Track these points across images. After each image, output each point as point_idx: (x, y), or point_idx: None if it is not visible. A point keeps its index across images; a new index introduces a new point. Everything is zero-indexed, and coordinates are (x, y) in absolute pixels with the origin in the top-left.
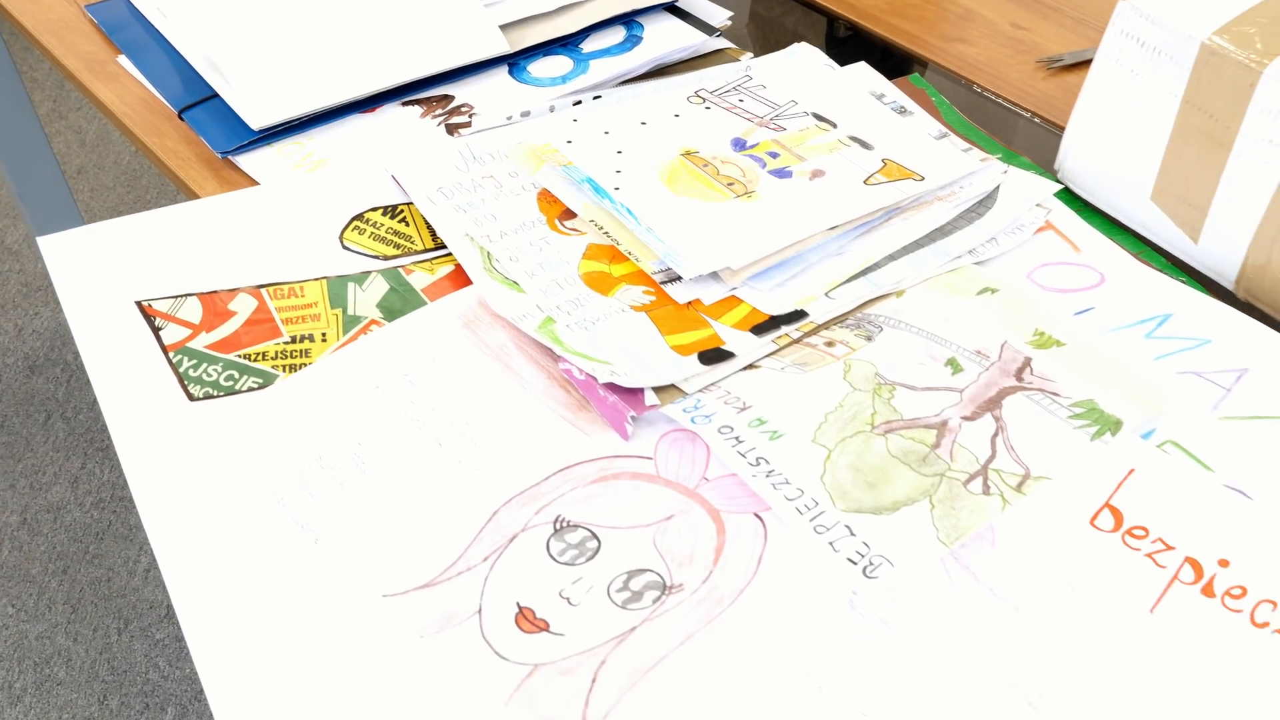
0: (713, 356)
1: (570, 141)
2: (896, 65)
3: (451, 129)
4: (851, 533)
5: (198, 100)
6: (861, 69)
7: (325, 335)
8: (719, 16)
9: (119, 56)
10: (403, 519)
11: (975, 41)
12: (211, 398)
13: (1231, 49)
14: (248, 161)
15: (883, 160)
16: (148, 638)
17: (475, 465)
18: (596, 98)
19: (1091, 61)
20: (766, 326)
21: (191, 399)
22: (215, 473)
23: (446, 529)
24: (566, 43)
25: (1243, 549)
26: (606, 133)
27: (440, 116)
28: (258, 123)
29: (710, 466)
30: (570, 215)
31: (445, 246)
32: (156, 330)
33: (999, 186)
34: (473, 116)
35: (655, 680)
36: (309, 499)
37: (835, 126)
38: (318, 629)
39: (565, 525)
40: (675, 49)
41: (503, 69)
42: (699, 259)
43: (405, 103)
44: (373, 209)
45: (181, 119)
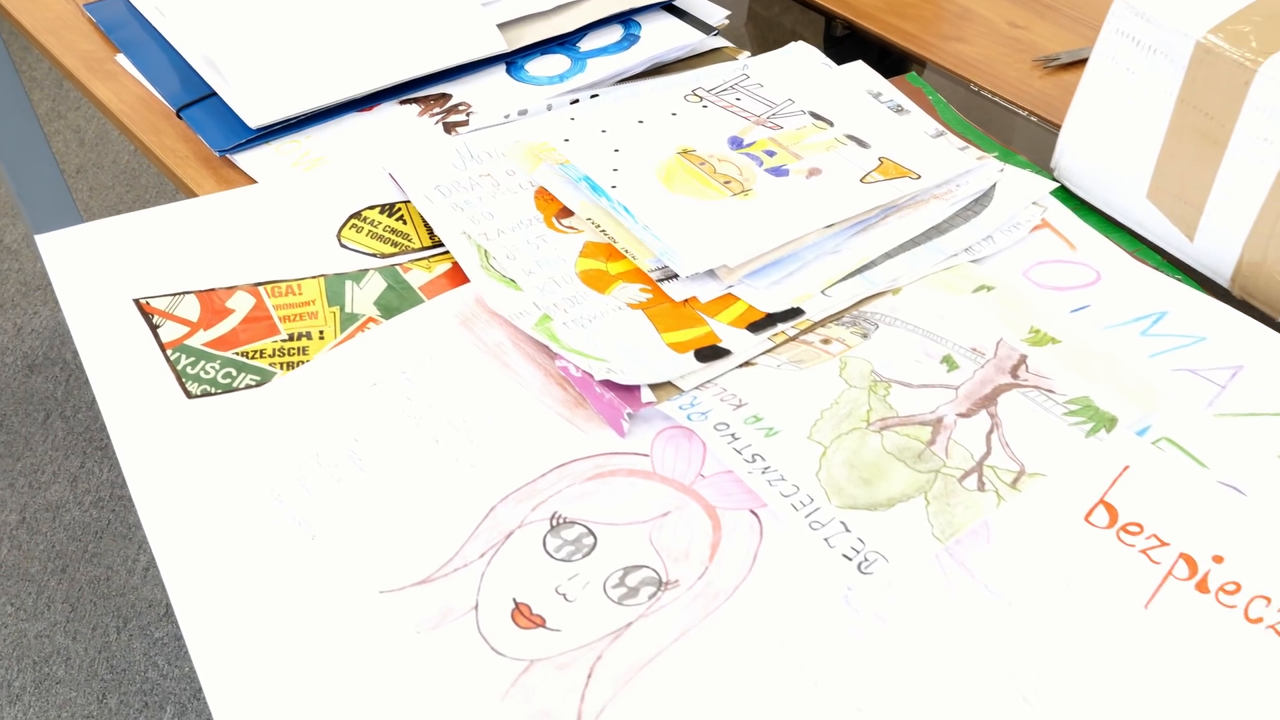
0: (709, 354)
1: (567, 140)
2: (894, 64)
3: (449, 127)
4: (847, 529)
5: (196, 99)
6: (858, 68)
7: (323, 333)
8: (716, 15)
9: (117, 55)
10: (400, 516)
11: (972, 40)
12: (209, 395)
13: (1226, 47)
14: (246, 160)
15: (879, 158)
16: (146, 636)
17: (472, 462)
18: (594, 96)
19: (1088, 60)
20: (763, 324)
21: (189, 396)
22: (213, 470)
23: (443, 525)
24: (564, 41)
25: (1237, 545)
26: (604, 131)
27: (438, 115)
28: (255, 121)
29: (706, 463)
30: (567, 213)
31: (442, 244)
32: (154, 328)
33: (995, 185)
34: (470, 115)
35: (651, 675)
36: (306, 496)
37: (832, 125)
38: (315, 625)
39: (562, 522)
40: (672, 48)
41: (500, 68)
42: (695, 257)
43: (403, 101)
44: (370, 207)
45: (180, 117)
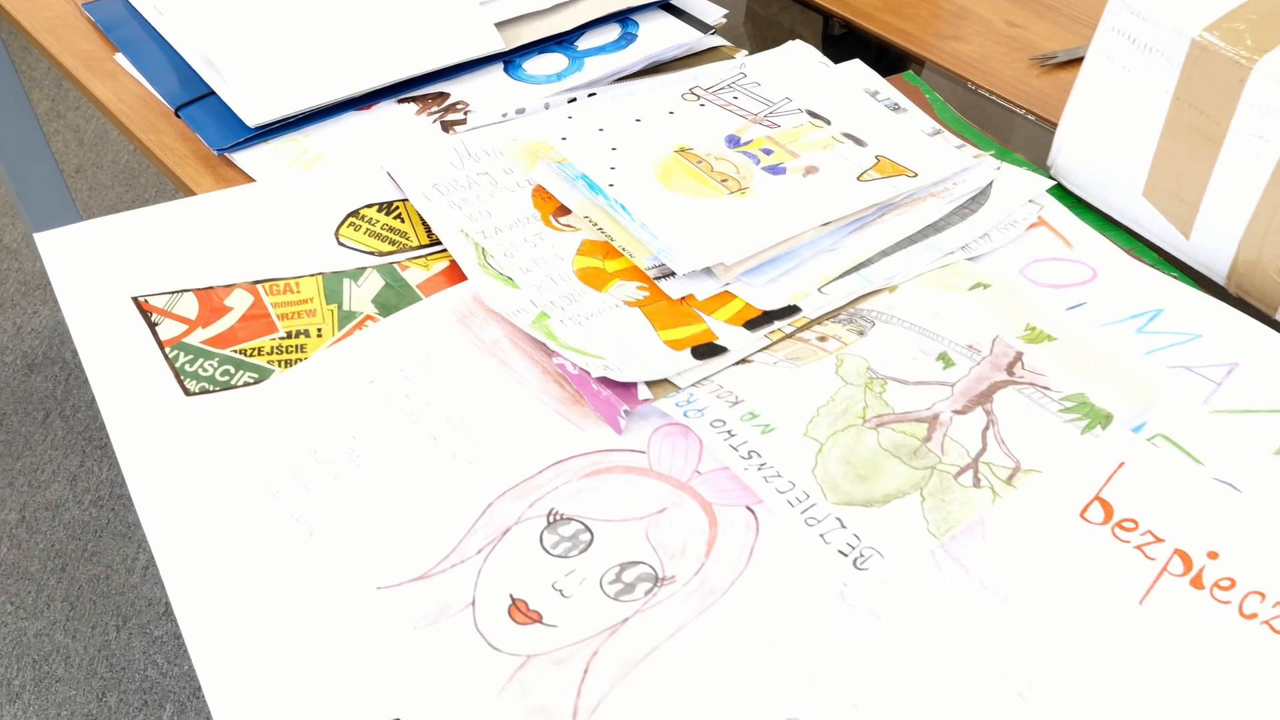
0: (705, 351)
1: (565, 138)
2: (893, 63)
3: (447, 126)
4: (842, 525)
5: (194, 98)
6: (855, 66)
7: (320, 331)
8: (714, 14)
9: (116, 54)
10: (397, 512)
11: (969, 39)
12: (207, 393)
13: (1222, 45)
14: (244, 158)
15: (876, 157)
16: (146, 635)
17: (469, 459)
18: (591, 95)
19: (1084, 58)
20: (759, 321)
21: (187, 394)
22: (211, 467)
23: (440, 522)
24: (562, 40)
25: (1232, 541)
26: (601, 129)
27: (436, 114)
28: (254, 120)
29: (703, 460)
30: (565, 211)
31: (440, 242)
32: (153, 325)
33: (992, 183)
34: (468, 113)
35: (647, 670)
36: (304, 492)
37: (829, 123)
38: (312, 621)
39: (558, 518)
40: (670, 47)
41: (498, 66)
42: (692, 255)
43: (401, 100)
44: (368, 205)
45: (178, 116)
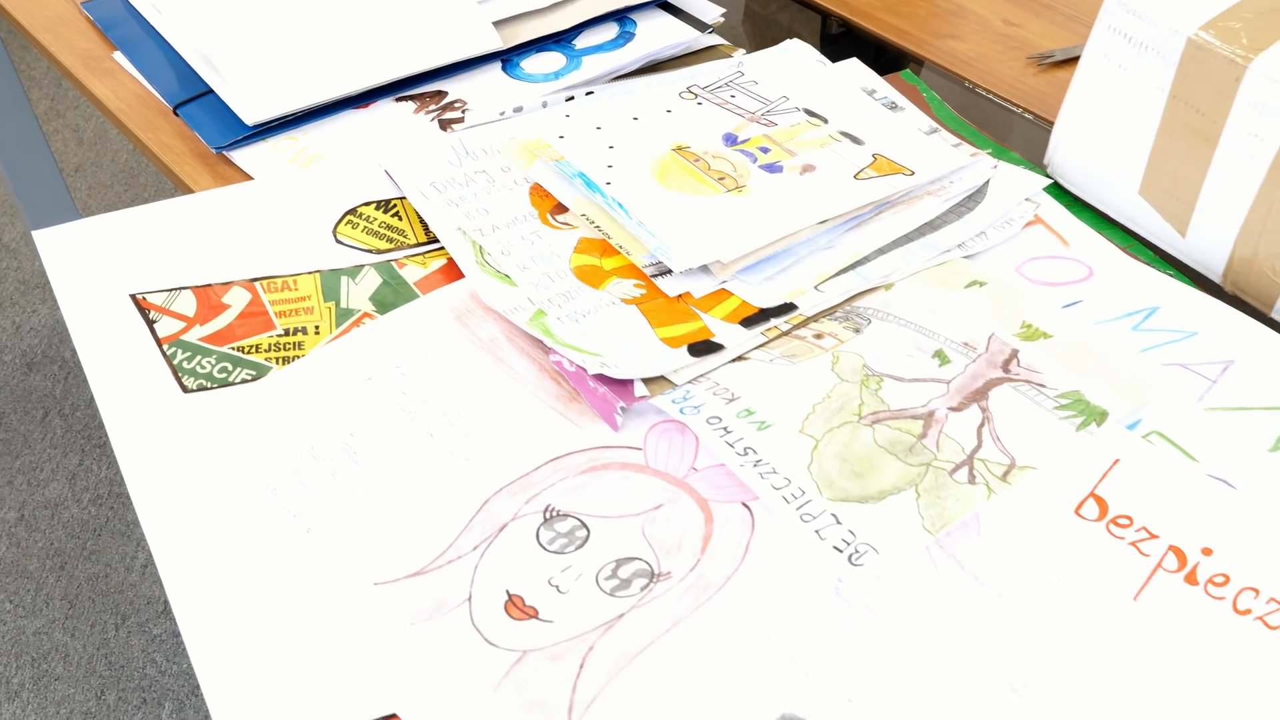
0: (702, 348)
1: (562, 136)
2: (891, 62)
3: (444, 124)
4: (838, 521)
5: (192, 96)
6: (853, 65)
7: (318, 328)
8: (711, 13)
9: (114, 53)
10: (394, 508)
11: (967, 38)
12: (205, 389)
13: (1217, 44)
14: (242, 156)
15: (873, 155)
16: (145, 633)
17: (466, 456)
18: (589, 93)
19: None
20: (756, 319)
21: (185, 391)
22: (208, 463)
23: (437, 518)
24: (559, 39)
25: (1226, 537)
26: (599, 128)
27: (433, 112)
28: (252, 118)
29: (699, 456)
30: (562, 209)
31: (437, 240)
32: (151, 323)
33: (989, 181)
34: (466, 112)
35: (642, 666)
36: (301, 489)
37: (826, 122)
38: (310, 616)
39: (555, 514)
40: (667, 45)
41: (496, 65)
42: (689, 252)
43: (399, 98)
44: (366, 203)
45: (176, 114)
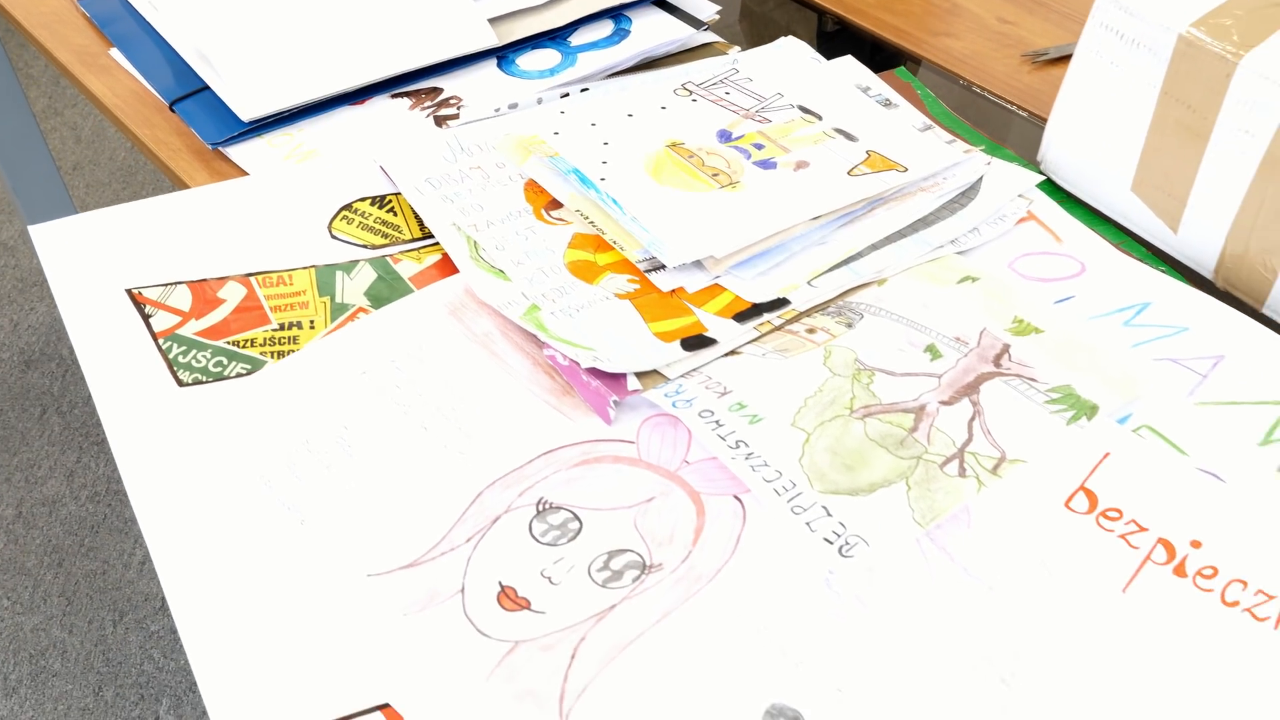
0: (695, 343)
1: (557, 133)
2: (886, 60)
3: (440, 121)
4: (828, 513)
5: (188, 92)
6: (847, 62)
7: (313, 322)
8: (707, 10)
9: (110, 49)
10: (388, 501)
11: (961, 35)
12: (200, 384)
13: (1208, 41)
14: (238, 152)
15: (867, 152)
16: (142, 630)
17: (460, 449)
18: (584, 90)
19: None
20: (749, 314)
21: (181, 385)
22: (204, 456)
23: (431, 510)
24: (555, 36)
25: (1215, 530)
26: (593, 124)
27: (429, 108)
28: (248, 114)
29: (691, 450)
30: (556, 205)
31: (432, 236)
32: (146, 317)
33: (982, 178)
34: (461, 108)
35: (633, 656)
36: (296, 482)
37: (820, 119)
38: (304, 608)
39: (548, 507)
40: (662, 43)
41: (491, 62)
42: (683, 248)
43: (394, 95)
44: (361, 199)
45: (172, 111)
